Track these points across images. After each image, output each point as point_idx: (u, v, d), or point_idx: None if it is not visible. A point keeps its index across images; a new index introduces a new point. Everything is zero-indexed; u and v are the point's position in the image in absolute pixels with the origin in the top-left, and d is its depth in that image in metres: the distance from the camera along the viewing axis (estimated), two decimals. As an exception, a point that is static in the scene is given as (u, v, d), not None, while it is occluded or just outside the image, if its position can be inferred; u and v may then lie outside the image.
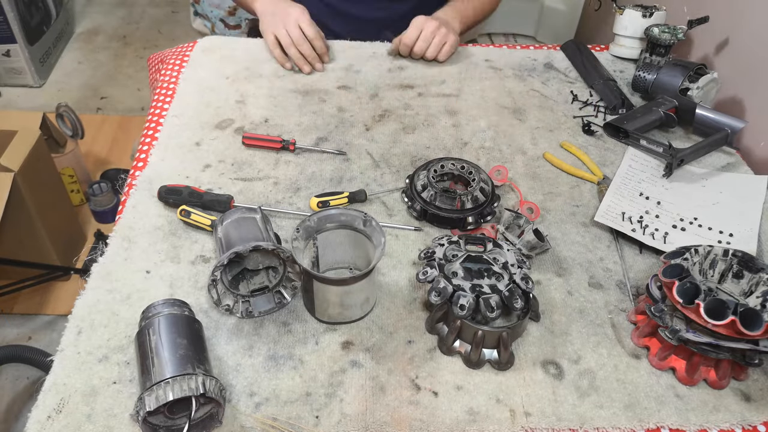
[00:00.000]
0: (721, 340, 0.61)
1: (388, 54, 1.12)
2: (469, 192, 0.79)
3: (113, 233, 0.76)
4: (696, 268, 0.67)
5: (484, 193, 0.81)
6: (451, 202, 0.79)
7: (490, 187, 0.82)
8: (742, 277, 0.67)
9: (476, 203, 0.80)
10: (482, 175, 0.82)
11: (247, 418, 0.59)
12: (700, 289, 0.61)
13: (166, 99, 1.00)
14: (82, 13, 2.99)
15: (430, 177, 0.82)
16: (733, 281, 0.67)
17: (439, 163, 0.84)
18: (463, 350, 0.65)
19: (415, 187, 0.82)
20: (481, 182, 0.81)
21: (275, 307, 0.69)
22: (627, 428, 0.61)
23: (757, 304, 0.61)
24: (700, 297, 0.60)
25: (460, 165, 0.84)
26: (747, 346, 0.60)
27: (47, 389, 0.60)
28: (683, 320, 0.64)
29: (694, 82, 1.00)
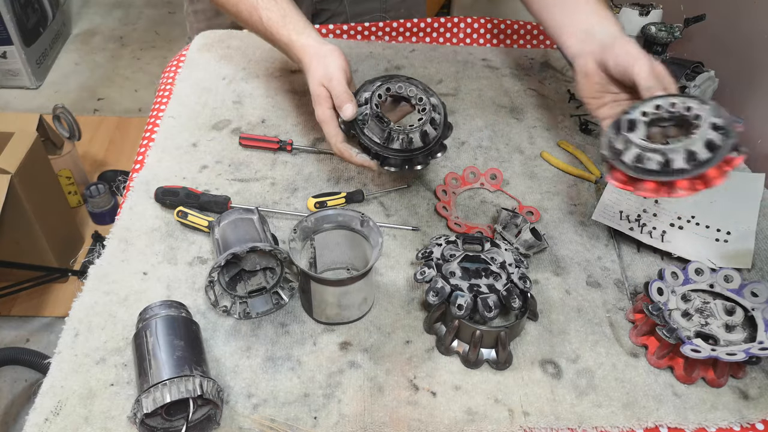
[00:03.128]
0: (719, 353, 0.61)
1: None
2: (415, 127, 0.71)
3: (110, 235, 0.76)
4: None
5: (434, 124, 0.73)
6: (381, 134, 0.71)
7: (441, 117, 0.73)
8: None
9: (425, 140, 0.72)
10: (433, 99, 0.73)
11: (245, 419, 0.59)
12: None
13: (163, 100, 0.99)
14: (78, 15, 2.99)
15: (374, 98, 0.72)
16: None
17: (385, 85, 0.73)
18: (461, 350, 0.65)
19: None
20: (433, 111, 0.72)
21: (273, 308, 0.69)
22: (625, 427, 0.61)
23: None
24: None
25: (408, 85, 0.73)
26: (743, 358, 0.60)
27: (45, 392, 0.60)
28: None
29: (691, 81, 1.00)
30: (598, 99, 0.75)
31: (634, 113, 0.65)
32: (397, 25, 1.17)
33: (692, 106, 0.63)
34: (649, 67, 0.67)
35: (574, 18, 0.78)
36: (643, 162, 0.62)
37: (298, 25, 0.79)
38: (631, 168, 0.62)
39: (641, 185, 0.62)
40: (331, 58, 0.74)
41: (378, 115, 0.72)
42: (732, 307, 0.67)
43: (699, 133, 0.60)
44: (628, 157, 0.63)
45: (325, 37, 1.14)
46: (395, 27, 1.17)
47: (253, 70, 1.06)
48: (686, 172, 0.60)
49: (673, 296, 0.68)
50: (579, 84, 0.76)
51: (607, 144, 0.66)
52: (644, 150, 0.62)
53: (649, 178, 0.61)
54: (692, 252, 0.77)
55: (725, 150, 0.60)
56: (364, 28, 1.16)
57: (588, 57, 0.74)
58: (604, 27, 0.75)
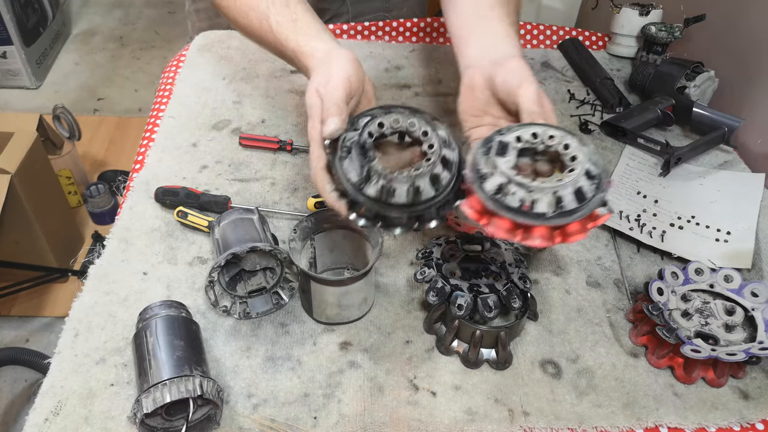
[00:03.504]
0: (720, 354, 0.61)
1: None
2: (421, 172, 0.55)
3: (110, 235, 0.76)
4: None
5: (447, 165, 0.56)
6: (359, 171, 0.56)
7: (452, 173, 0.57)
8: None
9: (436, 187, 0.56)
10: (444, 151, 0.56)
11: (245, 419, 0.59)
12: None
13: (163, 100, 0.99)
14: (78, 14, 2.99)
15: (364, 138, 0.57)
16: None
17: (377, 120, 0.58)
18: (461, 350, 0.65)
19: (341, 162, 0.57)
20: (440, 165, 0.56)
21: (273, 308, 0.69)
22: (625, 427, 0.61)
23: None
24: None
25: (408, 118, 0.58)
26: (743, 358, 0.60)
27: (44, 392, 0.60)
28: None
29: (691, 81, 1.00)
30: (476, 117, 0.67)
31: (508, 136, 0.56)
32: (397, 25, 1.17)
33: (570, 144, 0.55)
34: (535, 93, 0.61)
35: (482, 31, 0.70)
36: (505, 195, 0.53)
37: (310, 29, 0.69)
38: (489, 199, 0.53)
39: (495, 221, 0.54)
40: (338, 63, 0.62)
41: (363, 146, 0.56)
42: (732, 307, 0.67)
43: (571, 178, 0.53)
44: (490, 184, 0.54)
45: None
46: (395, 27, 1.17)
47: (253, 70, 1.06)
48: (548, 219, 0.52)
49: (673, 296, 0.68)
50: (461, 96, 0.68)
51: (471, 164, 0.56)
52: (509, 181, 0.53)
53: (507, 214, 0.53)
54: (692, 252, 0.77)
55: (594, 204, 0.53)
56: (364, 28, 1.16)
57: (477, 70, 0.66)
58: (506, 46, 0.68)
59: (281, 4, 0.71)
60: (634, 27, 1.12)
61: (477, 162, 0.55)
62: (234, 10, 0.76)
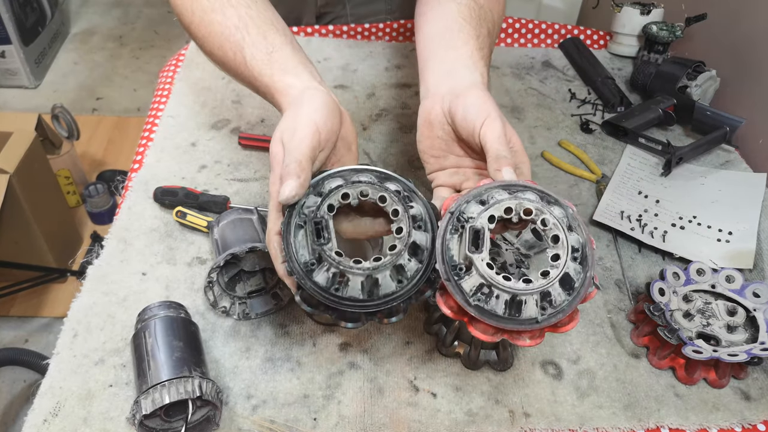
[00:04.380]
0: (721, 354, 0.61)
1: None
2: (381, 264, 0.48)
3: (109, 235, 0.76)
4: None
5: (417, 253, 0.50)
6: (311, 251, 0.49)
7: (429, 236, 0.50)
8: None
9: (400, 278, 0.50)
10: (415, 210, 0.51)
11: (245, 420, 0.59)
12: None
13: (162, 99, 0.99)
14: (77, 14, 2.98)
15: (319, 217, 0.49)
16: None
17: (342, 191, 0.51)
18: (461, 351, 0.65)
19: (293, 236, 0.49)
20: (416, 230, 0.50)
21: (272, 308, 0.68)
22: (626, 428, 0.61)
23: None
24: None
25: (378, 191, 0.51)
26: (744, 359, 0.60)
27: (43, 392, 0.60)
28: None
29: (693, 80, 1.00)
30: (437, 159, 0.60)
31: (480, 219, 0.49)
32: (397, 26, 1.16)
33: (548, 221, 0.49)
34: (500, 131, 0.54)
35: (444, 54, 0.62)
36: (487, 297, 0.48)
37: (286, 63, 0.60)
38: (471, 305, 0.47)
39: (479, 325, 0.49)
40: (308, 108, 0.54)
41: (318, 222, 0.49)
42: (734, 308, 0.66)
43: (557, 273, 0.48)
44: (468, 284, 0.48)
45: (324, 38, 1.14)
46: (395, 27, 1.16)
47: (252, 69, 1.06)
48: (539, 322, 0.47)
49: (675, 297, 0.68)
50: (419, 133, 0.60)
51: (442, 254, 0.48)
52: (489, 284, 0.47)
53: (492, 322, 0.47)
54: (694, 252, 0.77)
55: (584, 290, 0.48)
56: (364, 29, 1.16)
57: (436, 100, 0.59)
58: (467, 71, 0.60)
59: (258, 35, 0.62)
60: (635, 26, 1.12)
61: (448, 250, 0.49)
62: (209, 41, 0.66)
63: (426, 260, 0.50)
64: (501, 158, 0.52)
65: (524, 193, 0.51)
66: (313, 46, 1.12)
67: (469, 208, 0.50)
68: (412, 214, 0.51)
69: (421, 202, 0.52)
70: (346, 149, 0.58)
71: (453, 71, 0.61)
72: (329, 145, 0.55)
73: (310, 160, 0.51)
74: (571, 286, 0.48)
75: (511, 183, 0.52)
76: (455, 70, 0.61)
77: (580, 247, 0.49)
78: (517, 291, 0.47)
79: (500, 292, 0.48)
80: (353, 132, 0.59)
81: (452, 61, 0.62)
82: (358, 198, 0.51)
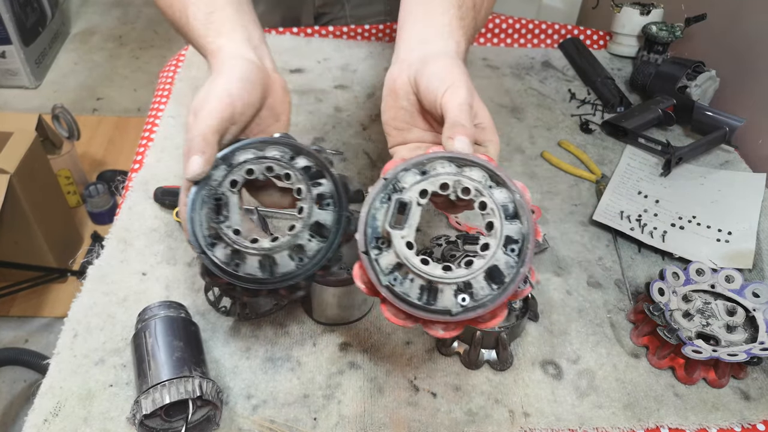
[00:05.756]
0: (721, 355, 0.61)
1: None
2: (278, 244, 0.49)
3: (109, 235, 0.76)
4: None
5: (321, 231, 0.50)
6: (209, 227, 0.49)
7: (334, 218, 0.51)
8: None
9: (300, 257, 0.50)
10: (322, 188, 0.51)
11: (245, 420, 0.59)
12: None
13: (162, 99, 0.99)
14: (77, 14, 2.98)
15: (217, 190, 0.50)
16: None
17: (246, 166, 0.51)
18: (461, 351, 0.65)
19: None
20: (320, 208, 0.50)
21: (272, 308, 0.68)
22: (626, 428, 0.61)
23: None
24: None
25: (283, 167, 0.51)
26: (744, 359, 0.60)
27: (44, 392, 0.60)
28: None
29: (692, 80, 1.00)
30: (400, 132, 0.56)
31: (410, 191, 0.46)
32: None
33: (487, 204, 0.45)
34: (463, 100, 0.49)
35: (422, 22, 0.58)
36: (402, 279, 0.44)
37: (224, 25, 0.57)
38: (383, 286, 0.44)
39: (392, 309, 0.45)
40: (227, 76, 0.52)
41: (218, 199, 0.49)
42: (733, 308, 0.67)
43: (483, 264, 0.43)
44: (386, 261, 0.44)
45: (324, 38, 1.14)
46: (396, 29, 1.16)
47: (252, 69, 1.06)
48: (454, 315, 0.43)
49: (674, 297, 0.68)
50: (384, 102, 0.56)
51: (364, 224, 0.46)
52: (411, 269, 0.43)
53: (404, 307, 0.44)
54: (693, 252, 0.77)
55: (512, 287, 0.43)
56: (364, 30, 1.16)
57: (403, 67, 0.55)
58: (443, 41, 0.55)
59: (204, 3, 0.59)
60: (635, 26, 1.12)
61: (373, 221, 0.46)
62: (161, 1, 0.63)
63: (332, 238, 0.50)
64: (457, 126, 0.48)
65: (471, 169, 0.46)
66: (313, 46, 1.12)
67: (406, 177, 0.47)
68: (319, 193, 0.50)
69: (331, 180, 0.51)
70: (274, 119, 0.56)
71: (426, 39, 0.56)
72: (244, 118, 0.53)
73: (216, 133, 0.50)
74: (500, 280, 0.43)
75: (460, 155, 0.46)
76: (428, 38, 0.56)
77: (520, 239, 0.44)
78: (432, 277, 0.43)
79: (415, 276, 0.44)
80: (285, 101, 0.56)
81: (427, 28, 0.57)
82: (264, 174, 0.50)
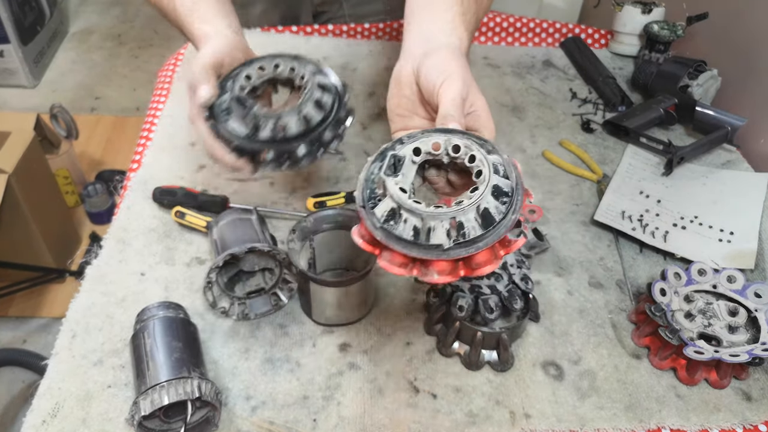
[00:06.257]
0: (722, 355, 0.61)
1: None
2: (288, 110, 0.59)
3: (107, 235, 0.76)
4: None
5: (321, 106, 0.61)
6: (244, 122, 0.59)
7: (332, 96, 0.62)
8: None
9: (307, 125, 0.60)
10: (318, 78, 0.62)
11: (244, 421, 0.59)
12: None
13: (161, 99, 0.99)
14: (76, 13, 2.98)
15: (237, 85, 0.61)
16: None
17: (243, 72, 0.62)
18: (462, 351, 0.65)
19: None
20: (318, 89, 0.61)
21: (272, 309, 0.68)
22: (627, 429, 0.60)
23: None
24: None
25: (289, 62, 0.63)
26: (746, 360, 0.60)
27: (42, 393, 0.60)
28: None
29: (694, 80, 0.99)
30: (403, 118, 0.60)
31: (404, 148, 0.49)
32: (397, 26, 1.16)
33: (476, 156, 0.48)
34: (457, 91, 0.53)
35: (426, 18, 0.63)
36: (396, 223, 0.46)
37: (207, 13, 0.66)
38: (378, 228, 0.46)
39: (387, 254, 0.47)
40: (214, 42, 0.63)
41: (239, 99, 0.60)
42: (735, 308, 0.66)
43: (472, 200, 0.45)
44: (380, 210, 0.47)
45: (324, 37, 1.13)
46: (395, 27, 1.16)
47: (251, 68, 1.05)
48: (446, 251, 0.44)
49: (676, 297, 0.68)
50: (389, 91, 0.62)
51: (362, 183, 0.49)
52: (400, 206, 0.46)
53: (398, 247, 0.45)
54: (695, 252, 0.77)
55: (502, 228, 0.45)
56: (364, 29, 1.16)
57: (408, 60, 0.59)
58: (446, 37, 0.60)
59: None
60: (637, 25, 1.12)
61: (368, 180, 0.49)
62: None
63: (336, 93, 0.63)
64: (448, 116, 0.51)
65: (462, 137, 0.49)
66: (312, 45, 1.12)
67: (402, 149, 0.50)
68: (321, 83, 0.61)
69: (334, 77, 0.63)
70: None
71: (431, 35, 0.61)
72: (229, 65, 0.63)
73: (212, 67, 0.61)
74: (491, 221, 0.45)
75: (453, 131, 0.50)
76: (433, 34, 0.61)
77: (509, 191, 0.46)
78: (425, 213, 0.45)
79: (408, 216, 0.46)
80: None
81: (432, 24, 0.62)
82: (259, 75, 0.62)
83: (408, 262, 0.46)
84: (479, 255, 0.45)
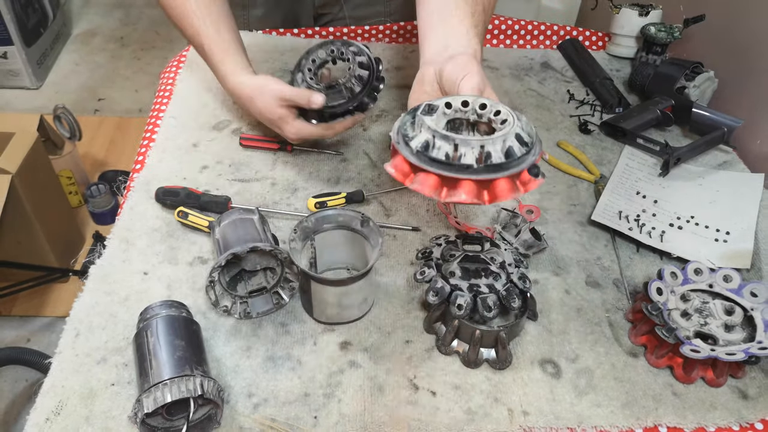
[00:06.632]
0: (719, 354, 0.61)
1: None
2: (349, 75, 0.76)
3: (111, 235, 0.76)
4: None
5: (363, 66, 0.77)
6: (339, 95, 0.77)
7: (369, 59, 0.77)
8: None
9: (362, 83, 0.76)
10: (359, 58, 0.77)
11: (246, 419, 0.59)
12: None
13: (164, 100, 1.00)
14: (79, 15, 2.99)
15: (305, 72, 0.80)
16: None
17: (315, 53, 0.80)
18: (461, 350, 0.65)
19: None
20: (358, 60, 0.77)
21: (273, 308, 0.69)
22: (625, 427, 0.61)
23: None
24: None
25: (331, 49, 0.80)
26: (742, 358, 0.60)
27: (45, 391, 0.60)
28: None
29: (691, 81, 1.00)
30: None
31: (438, 101, 0.59)
32: (397, 28, 1.17)
33: (502, 110, 0.56)
34: (476, 84, 0.62)
35: (442, 30, 0.72)
36: (430, 149, 0.53)
37: (237, 65, 0.82)
38: (413, 154, 0.54)
39: (420, 177, 0.54)
40: (269, 85, 0.78)
41: (330, 85, 0.78)
42: (731, 307, 0.67)
43: (500, 134, 0.53)
44: (416, 142, 0.54)
45: (325, 39, 1.14)
46: (395, 29, 1.17)
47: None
48: (475, 171, 0.52)
49: (673, 296, 0.68)
50: (411, 91, 0.71)
51: (397, 128, 0.58)
52: (435, 135, 0.54)
53: (431, 168, 0.53)
54: (691, 252, 0.77)
55: (524, 162, 0.53)
56: (364, 31, 1.16)
57: (430, 66, 0.69)
58: (460, 45, 0.69)
59: (213, 30, 0.82)
60: (634, 27, 1.12)
61: (403, 126, 0.58)
62: (172, 12, 0.86)
63: (372, 70, 0.77)
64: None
65: (480, 99, 0.58)
66: (314, 47, 1.13)
67: (435, 102, 0.59)
68: (359, 61, 0.77)
69: (365, 55, 0.77)
70: None
71: (449, 45, 0.69)
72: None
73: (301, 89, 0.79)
74: (513, 155, 0.52)
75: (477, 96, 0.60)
76: (451, 44, 0.69)
77: (529, 142, 0.54)
78: (458, 138, 0.52)
79: (442, 144, 0.53)
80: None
81: (449, 37, 0.71)
82: (321, 59, 0.81)
83: (439, 185, 0.53)
84: (501, 182, 0.52)
